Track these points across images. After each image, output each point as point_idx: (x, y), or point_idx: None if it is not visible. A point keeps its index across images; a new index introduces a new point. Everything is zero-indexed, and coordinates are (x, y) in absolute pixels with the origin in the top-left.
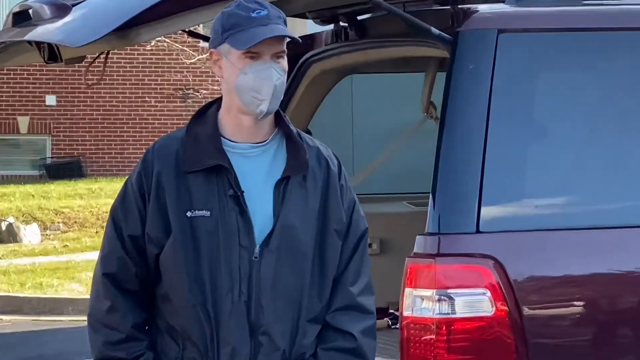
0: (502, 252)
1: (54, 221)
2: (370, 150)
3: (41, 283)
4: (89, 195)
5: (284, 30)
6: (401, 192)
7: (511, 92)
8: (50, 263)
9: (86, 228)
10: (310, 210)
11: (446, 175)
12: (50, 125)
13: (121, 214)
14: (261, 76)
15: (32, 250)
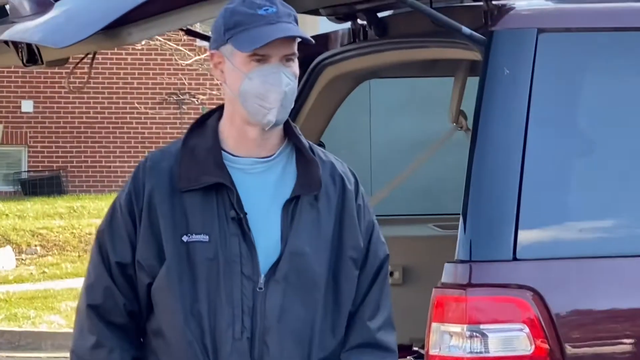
0: (542, 283)
1: (30, 244)
2: (391, 165)
3: (16, 314)
4: (70, 214)
5: (295, 30)
6: (426, 213)
7: (552, 99)
8: (26, 292)
9: (67, 252)
10: (323, 234)
11: (479, 195)
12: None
13: (108, 239)
14: (269, 82)
15: (6, 277)
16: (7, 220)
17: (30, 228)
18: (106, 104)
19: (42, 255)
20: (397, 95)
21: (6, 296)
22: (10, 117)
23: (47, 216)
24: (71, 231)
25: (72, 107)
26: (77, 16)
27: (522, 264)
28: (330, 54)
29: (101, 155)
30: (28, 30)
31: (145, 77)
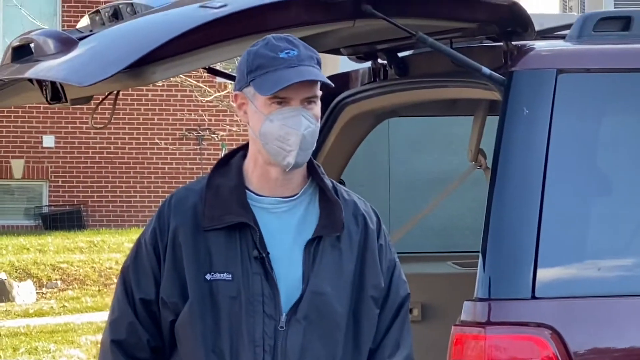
0: (561, 321)
1: (50, 278)
2: (409, 203)
3: (36, 348)
4: (90, 249)
5: (315, 74)
6: (445, 251)
7: (572, 139)
8: (46, 325)
9: (87, 286)
10: (345, 274)
11: (498, 233)
12: (47, 170)
13: (133, 275)
14: (289, 124)
15: (26, 310)
16: (28, 254)
17: (51, 262)
18: (127, 139)
19: (62, 289)
20: (416, 133)
21: (27, 330)
22: (32, 152)
23: (67, 250)
24: (91, 265)
25: (93, 142)
26: (101, 55)
27: (541, 302)
28: (351, 92)
29: (121, 190)
30: (52, 68)
31: (166, 113)
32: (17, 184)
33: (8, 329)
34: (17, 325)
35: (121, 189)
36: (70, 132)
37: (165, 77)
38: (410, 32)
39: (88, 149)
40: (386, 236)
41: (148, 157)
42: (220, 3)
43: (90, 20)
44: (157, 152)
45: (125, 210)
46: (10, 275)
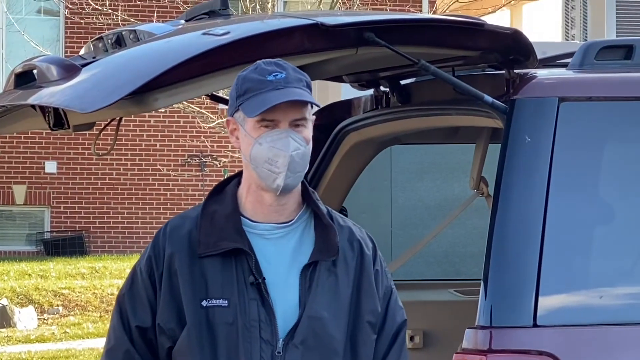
0: (562, 349)
1: (52, 304)
2: (411, 229)
3: None
4: (92, 275)
5: (300, 95)
6: (446, 278)
7: (574, 167)
8: (47, 351)
9: (89, 312)
10: (341, 299)
11: (499, 261)
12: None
13: (129, 303)
14: (277, 146)
15: (28, 336)
16: (29, 280)
17: (53, 288)
18: (129, 166)
19: (64, 315)
20: (418, 160)
21: (28, 356)
22: (34, 177)
23: (69, 276)
24: (93, 291)
25: (95, 168)
26: (104, 81)
27: (543, 330)
28: (353, 120)
29: (123, 216)
30: (55, 94)
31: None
32: (19, 209)
33: (9, 355)
34: (18, 351)
35: (123, 215)
36: (72, 157)
37: (167, 104)
38: (412, 60)
39: (90, 174)
40: (382, 262)
41: (150, 183)
42: (222, 30)
43: (93, 47)
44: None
45: (127, 237)
46: (11, 301)
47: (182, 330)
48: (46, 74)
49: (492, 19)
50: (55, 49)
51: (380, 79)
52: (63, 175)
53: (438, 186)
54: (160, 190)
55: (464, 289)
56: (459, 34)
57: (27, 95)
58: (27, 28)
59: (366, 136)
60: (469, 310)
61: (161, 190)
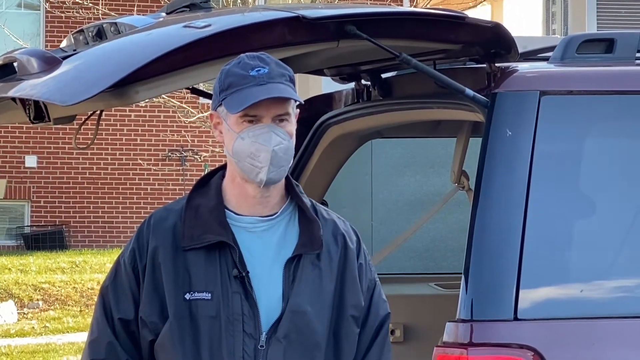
0: (543, 343)
1: (32, 298)
2: (392, 224)
3: None
4: (72, 269)
5: (283, 91)
6: (427, 272)
7: (554, 161)
8: (27, 346)
9: (69, 306)
10: (325, 293)
11: (480, 255)
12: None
13: (112, 295)
14: (259, 141)
15: (7, 331)
16: (9, 275)
17: (33, 282)
18: (109, 160)
19: (44, 309)
20: (399, 154)
21: (8, 350)
22: (14, 172)
23: (49, 270)
24: (73, 286)
25: (76, 162)
26: (85, 74)
27: (523, 323)
28: (334, 113)
29: (104, 210)
30: (35, 87)
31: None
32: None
33: None
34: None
35: (103, 209)
36: (52, 152)
37: (148, 97)
38: (394, 53)
39: (70, 169)
40: (366, 256)
41: (130, 177)
42: (204, 23)
43: (74, 40)
44: (139, 172)
45: (107, 231)
46: None
47: (164, 324)
48: (27, 67)
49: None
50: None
51: (361, 73)
52: (43, 170)
53: (419, 180)
54: (141, 184)
55: (444, 282)
56: (440, 27)
57: (7, 88)
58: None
59: (347, 130)
60: (450, 304)
61: (142, 185)
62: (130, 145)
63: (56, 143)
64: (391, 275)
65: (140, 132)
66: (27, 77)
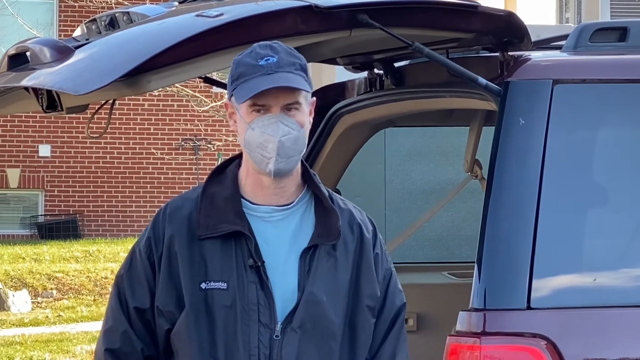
0: (556, 332)
1: (46, 287)
2: (405, 212)
3: (31, 357)
4: (85, 258)
5: (290, 80)
6: (440, 261)
7: (568, 150)
8: (41, 334)
9: (82, 295)
10: (340, 283)
11: (493, 244)
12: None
13: (127, 284)
14: (267, 131)
15: (22, 319)
16: (23, 264)
17: (47, 271)
18: (123, 149)
19: (57, 298)
20: (412, 143)
21: (22, 339)
22: (28, 161)
23: (63, 260)
24: (87, 275)
25: (89, 152)
26: (97, 63)
27: (536, 312)
28: (347, 102)
29: (117, 199)
30: (48, 76)
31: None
32: (12, 193)
33: (3, 338)
34: (12, 335)
35: (117, 198)
36: (66, 141)
37: (161, 86)
38: (406, 42)
39: (84, 158)
40: (382, 245)
41: (144, 166)
42: (216, 12)
43: (86, 29)
44: (153, 161)
45: (121, 220)
46: (5, 285)
47: (180, 313)
48: (39, 56)
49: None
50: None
51: (374, 62)
52: (57, 159)
53: (432, 169)
54: (154, 173)
55: (457, 271)
56: (452, 16)
57: (20, 78)
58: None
59: (360, 119)
60: (463, 293)
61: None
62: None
63: (70, 132)
64: (404, 264)
65: (154, 121)
66: (40, 66)
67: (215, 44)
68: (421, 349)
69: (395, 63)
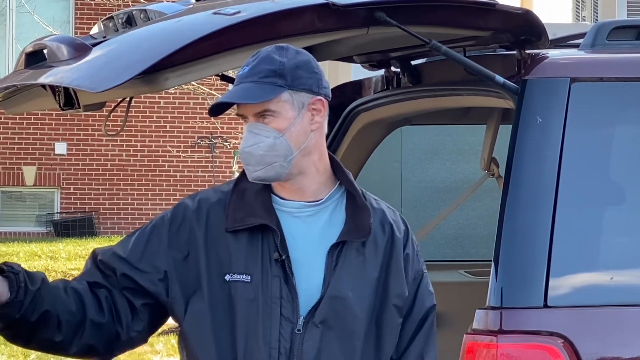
0: (573, 330)
1: None
2: (421, 210)
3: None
4: None
5: (245, 91)
6: (455, 259)
7: (585, 148)
8: None
9: None
10: (368, 281)
11: (510, 242)
12: (59, 177)
13: (126, 237)
14: (242, 142)
15: None
16: (39, 261)
17: (62, 269)
18: (139, 147)
19: None
20: (427, 141)
21: None
22: (44, 158)
23: (78, 257)
24: None
25: (105, 149)
26: (115, 61)
27: (553, 311)
28: (364, 100)
29: (133, 197)
30: (65, 74)
31: (178, 121)
32: (28, 190)
33: None
34: None
35: (133, 196)
36: (82, 139)
37: (178, 84)
38: (424, 40)
39: (100, 156)
40: (414, 246)
41: (160, 164)
42: (233, 10)
43: (103, 27)
44: (169, 159)
45: (136, 218)
46: None
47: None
48: (56, 54)
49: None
50: (66, 30)
51: (391, 60)
52: (73, 157)
53: (447, 167)
54: (170, 171)
55: (473, 270)
56: (470, 13)
57: (38, 75)
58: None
59: (377, 117)
60: (479, 291)
61: (171, 172)
62: (160, 132)
63: (86, 130)
64: None
65: (170, 119)
66: (57, 64)
67: (233, 42)
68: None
69: (412, 61)
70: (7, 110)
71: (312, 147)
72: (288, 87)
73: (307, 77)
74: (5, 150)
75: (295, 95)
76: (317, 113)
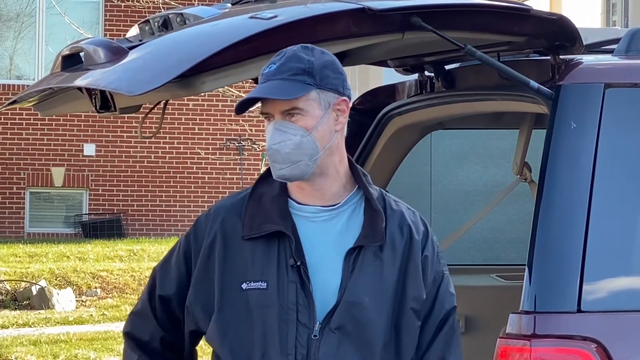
0: (607, 335)
1: (90, 286)
2: (451, 214)
3: (76, 355)
4: (130, 257)
5: (274, 88)
6: (487, 264)
7: (619, 153)
8: (86, 333)
9: (126, 294)
10: (385, 285)
11: (544, 246)
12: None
13: (159, 274)
14: (267, 139)
15: (66, 318)
16: (67, 262)
17: (91, 270)
18: (167, 149)
19: (102, 297)
20: (457, 146)
21: (66, 337)
22: (73, 160)
23: (107, 259)
24: (131, 274)
25: (134, 151)
26: (151, 64)
27: (587, 316)
28: (398, 104)
29: (161, 199)
30: (102, 77)
31: (207, 123)
32: (57, 192)
33: (48, 336)
34: (56, 333)
35: (161, 198)
36: (111, 140)
37: (214, 87)
38: (459, 45)
39: (129, 157)
40: (435, 247)
41: (188, 166)
42: (270, 14)
43: (140, 30)
44: (197, 161)
45: (164, 220)
46: (50, 283)
47: (205, 317)
48: (93, 57)
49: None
50: (95, 32)
51: (424, 64)
52: (102, 158)
53: (478, 171)
54: (199, 173)
55: (504, 274)
56: (505, 19)
57: (74, 78)
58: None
59: (410, 121)
60: (511, 295)
61: (199, 174)
62: (189, 134)
63: (114, 132)
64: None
65: (199, 121)
66: (94, 66)
67: (269, 46)
68: (469, 351)
69: (446, 65)
70: (42, 112)
71: (335, 148)
72: (316, 85)
73: (334, 77)
74: (34, 152)
75: (322, 95)
76: (341, 113)
